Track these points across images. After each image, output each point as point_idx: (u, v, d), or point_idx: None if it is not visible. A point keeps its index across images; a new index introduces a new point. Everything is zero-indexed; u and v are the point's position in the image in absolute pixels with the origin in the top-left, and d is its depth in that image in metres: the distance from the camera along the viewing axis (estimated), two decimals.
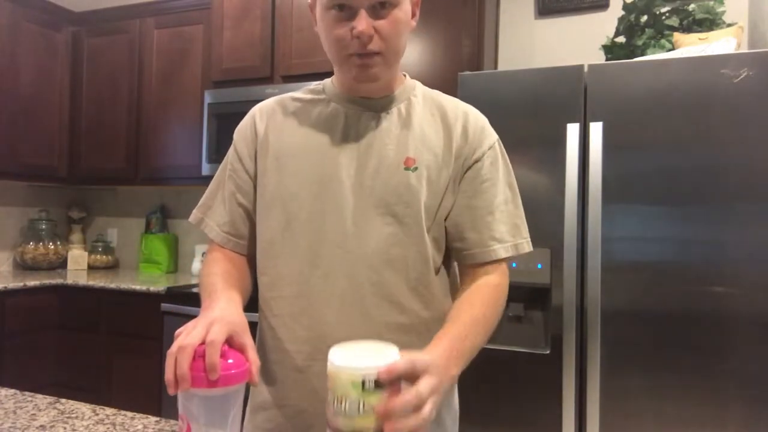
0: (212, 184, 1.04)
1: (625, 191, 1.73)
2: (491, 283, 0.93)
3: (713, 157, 1.66)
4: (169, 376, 0.65)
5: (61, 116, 3.27)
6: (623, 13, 2.21)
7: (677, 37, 2.01)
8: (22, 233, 3.37)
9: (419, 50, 2.40)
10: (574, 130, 1.78)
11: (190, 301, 2.55)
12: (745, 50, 1.98)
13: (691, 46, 1.92)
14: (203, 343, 0.67)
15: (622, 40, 2.21)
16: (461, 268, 0.99)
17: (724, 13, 2.08)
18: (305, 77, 2.58)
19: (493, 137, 0.98)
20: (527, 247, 0.97)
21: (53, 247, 3.33)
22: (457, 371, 0.78)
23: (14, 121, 3.01)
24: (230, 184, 1.00)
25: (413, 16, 0.93)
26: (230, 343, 0.70)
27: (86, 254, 3.42)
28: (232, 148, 1.03)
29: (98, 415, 1.00)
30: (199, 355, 0.66)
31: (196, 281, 2.91)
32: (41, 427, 0.93)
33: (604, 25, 2.47)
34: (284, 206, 0.94)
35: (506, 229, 0.94)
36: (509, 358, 1.84)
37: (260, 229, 0.98)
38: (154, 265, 3.31)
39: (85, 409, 1.02)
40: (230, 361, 0.67)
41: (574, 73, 1.82)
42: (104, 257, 3.46)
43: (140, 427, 0.95)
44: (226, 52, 2.84)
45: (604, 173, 1.73)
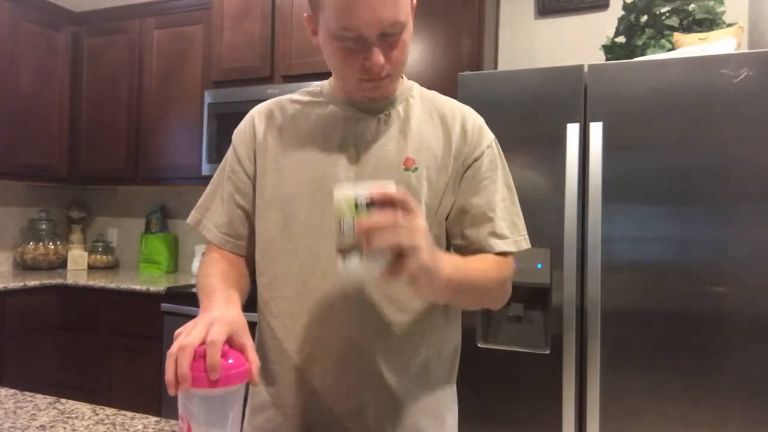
0: (210, 186, 1.04)
1: (625, 191, 1.73)
2: (497, 259, 0.94)
3: (713, 157, 1.66)
4: (169, 376, 0.65)
5: (61, 116, 3.27)
6: (623, 13, 2.21)
7: (677, 37, 2.01)
8: (22, 233, 3.37)
9: (419, 50, 2.40)
10: (574, 130, 1.78)
11: (190, 301, 2.55)
12: (745, 50, 1.98)
13: (691, 46, 1.92)
14: (203, 343, 0.67)
15: (622, 40, 2.21)
16: None
17: (724, 13, 2.08)
18: (305, 77, 2.58)
19: (490, 137, 0.99)
20: (526, 244, 0.98)
21: (53, 247, 3.33)
22: (442, 267, 0.75)
23: (14, 121, 3.01)
24: (229, 185, 1.00)
25: (413, 11, 0.92)
26: (230, 343, 0.70)
27: (86, 254, 3.42)
28: (231, 149, 1.03)
29: (98, 415, 1.00)
30: (199, 355, 0.66)
31: (195, 281, 2.90)
32: (41, 427, 0.93)
33: (604, 25, 2.47)
34: (283, 207, 0.94)
35: (506, 225, 0.95)
36: (509, 358, 1.84)
37: (259, 230, 0.98)
38: (154, 265, 3.31)
39: (85, 409, 1.02)
40: (230, 361, 0.67)
41: (574, 73, 1.82)
42: (104, 257, 3.46)
43: (140, 427, 0.95)
44: (226, 52, 2.84)
45: (604, 173, 1.73)
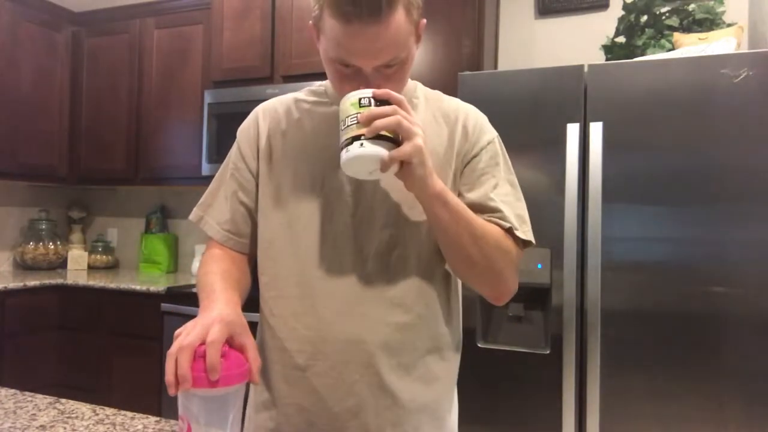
0: (213, 183, 1.04)
1: (625, 191, 1.73)
2: (503, 232, 0.90)
3: (713, 157, 1.66)
4: (169, 376, 0.65)
5: (61, 116, 3.27)
6: (623, 13, 2.21)
7: (677, 37, 2.01)
8: (22, 233, 3.37)
9: (419, 50, 2.39)
10: (574, 130, 1.78)
11: (190, 301, 2.55)
12: (745, 50, 1.98)
13: (691, 46, 1.92)
14: (203, 343, 0.67)
15: (622, 40, 2.21)
16: None
17: (724, 13, 2.08)
18: (305, 77, 2.57)
19: (492, 134, 0.98)
20: (531, 237, 0.93)
21: (53, 247, 3.33)
22: (437, 178, 0.83)
23: (14, 121, 3.01)
24: (232, 182, 1.00)
25: (418, 39, 0.91)
26: (230, 343, 0.70)
27: (86, 254, 3.42)
28: (235, 147, 1.02)
29: (98, 415, 1.00)
30: (199, 355, 0.66)
31: (196, 278, 2.90)
32: (41, 427, 0.93)
33: (604, 25, 2.47)
34: (285, 207, 0.94)
35: (512, 216, 0.91)
36: (509, 358, 1.84)
37: (261, 229, 0.98)
38: (154, 265, 3.31)
39: (85, 409, 1.02)
40: (230, 361, 0.67)
41: (574, 73, 1.82)
42: (104, 257, 3.46)
43: (140, 427, 0.95)
44: (226, 52, 2.84)
45: (604, 173, 1.73)
